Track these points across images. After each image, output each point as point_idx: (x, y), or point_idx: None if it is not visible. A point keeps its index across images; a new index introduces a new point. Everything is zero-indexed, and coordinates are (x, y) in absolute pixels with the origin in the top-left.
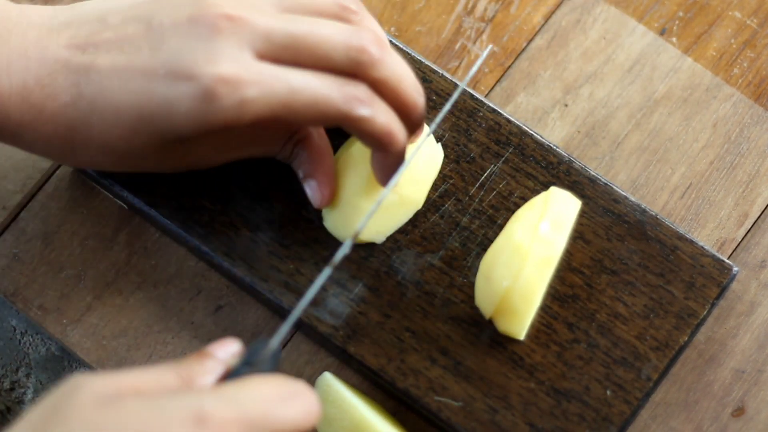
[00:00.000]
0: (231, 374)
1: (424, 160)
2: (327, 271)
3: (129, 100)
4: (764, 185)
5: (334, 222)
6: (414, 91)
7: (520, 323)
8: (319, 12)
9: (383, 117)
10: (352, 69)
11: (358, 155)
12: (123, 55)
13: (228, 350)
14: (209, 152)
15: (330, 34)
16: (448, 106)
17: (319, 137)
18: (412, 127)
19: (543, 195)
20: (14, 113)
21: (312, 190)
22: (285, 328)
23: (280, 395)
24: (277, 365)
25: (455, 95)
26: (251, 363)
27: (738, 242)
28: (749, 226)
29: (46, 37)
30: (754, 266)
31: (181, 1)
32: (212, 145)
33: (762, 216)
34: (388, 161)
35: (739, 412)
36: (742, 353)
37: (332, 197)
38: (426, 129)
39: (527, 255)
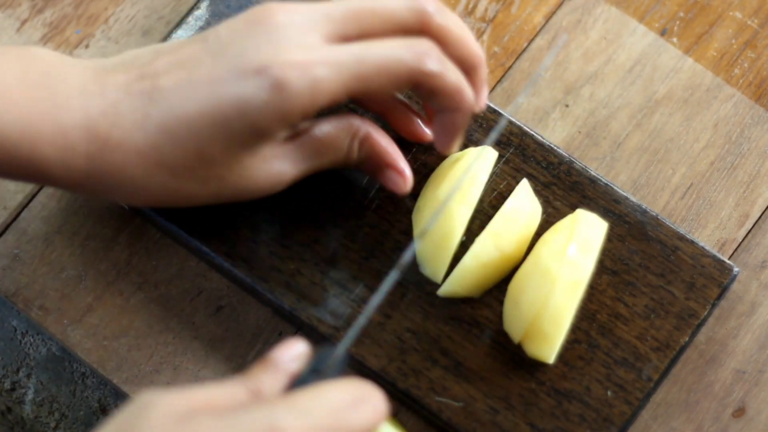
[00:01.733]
0: (298, 381)
1: (525, 215)
2: (394, 275)
3: (199, 109)
4: (765, 186)
5: (426, 257)
6: (475, 43)
7: (549, 347)
8: None
9: (453, 72)
10: (418, 21)
11: (446, 187)
12: (185, 71)
13: (292, 353)
14: (280, 166)
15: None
16: (526, 91)
17: (380, 133)
18: (476, 87)
19: (570, 217)
20: (80, 145)
21: (390, 178)
22: (352, 333)
23: (350, 401)
24: (343, 371)
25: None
26: (318, 370)
27: (739, 243)
28: (750, 227)
29: (103, 74)
30: (755, 267)
31: (236, 17)
32: (284, 157)
33: (763, 216)
34: (454, 122)
35: (739, 412)
36: (742, 354)
37: (412, 178)
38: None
39: (556, 279)
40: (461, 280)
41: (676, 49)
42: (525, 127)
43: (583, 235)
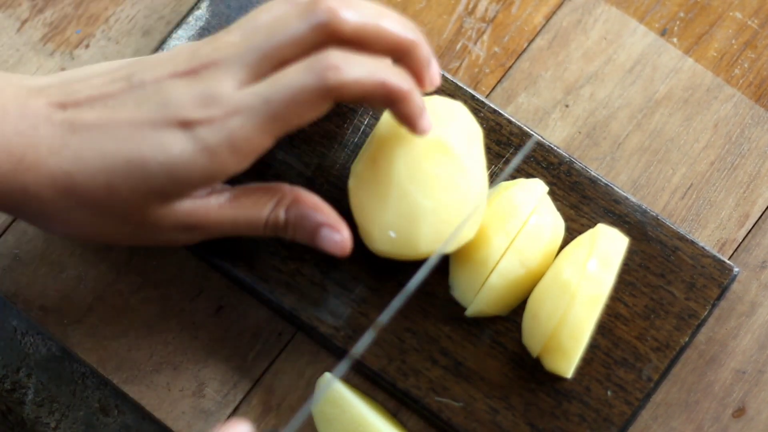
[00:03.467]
0: None
1: (549, 230)
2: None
3: (117, 147)
4: (765, 186)
5: (458, 280)
6: (398, 26)
7: (568, 361)
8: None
9: (362, 70)
10: (322, 36)
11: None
12: (107, 110)
13: None
14: (196, 221)
15: (289, 29)
16: (519, 158)
17: (309, 195)
18: (417, 69)
19: (590, 232)
20: None
21: (326, 236)
22: (296, 422)
23: None
24: None
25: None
26: None
27: (739, 243)
28: (750, 227)
29: (25, 95)
30: (755, 267)
31: (158, 59)
32: (199, 214)
33: (763, 217)
34: (407, 110)
35: (739, 412)
36: (742, 354)
37: (351, 237)
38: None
39: (575, 293)
40: (488, 299)
41: (676, 49)
42: (525, 127)
43: (604, 249)
